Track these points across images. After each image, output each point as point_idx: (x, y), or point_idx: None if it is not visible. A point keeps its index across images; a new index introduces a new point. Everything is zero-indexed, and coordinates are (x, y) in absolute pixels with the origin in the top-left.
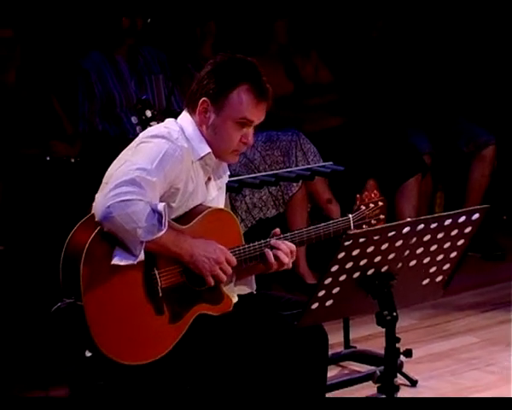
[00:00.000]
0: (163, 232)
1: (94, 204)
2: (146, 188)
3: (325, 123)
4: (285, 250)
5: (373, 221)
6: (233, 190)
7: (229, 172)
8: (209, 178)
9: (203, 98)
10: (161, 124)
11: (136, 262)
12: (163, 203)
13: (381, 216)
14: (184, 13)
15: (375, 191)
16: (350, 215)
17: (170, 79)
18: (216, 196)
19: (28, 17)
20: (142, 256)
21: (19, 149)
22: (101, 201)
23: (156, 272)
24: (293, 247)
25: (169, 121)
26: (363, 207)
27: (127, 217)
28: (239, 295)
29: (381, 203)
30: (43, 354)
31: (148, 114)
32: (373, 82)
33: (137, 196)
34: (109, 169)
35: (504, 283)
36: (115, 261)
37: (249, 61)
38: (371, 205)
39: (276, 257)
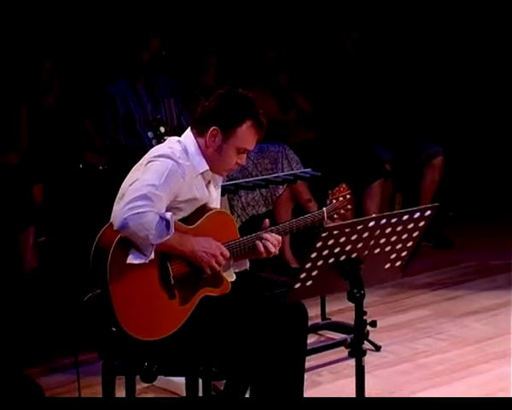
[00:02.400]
0: (169, 236)
1: (112, 215)
2: (155, 200)
3: (304, 137)
4: (273, 241)
5: (342, 211)
6: (230, 191)
7: (222, 177)
8: (209, 182)
9: (214, 127)
10: (165, 143)
11: (147, 261)
12: (170, 213)
13: (349, 206)
14: (191, 49)
15: (344, 186)
16: (324, 209)
17: (180, 101)
18: (215, 196)
19: (65, 50)
20: (152, 256)
21: (59, 159)
22: (119, 213)
23: (169, 264)
24: (279, 238)
25: (172, 141)
26: (335, 201)
27: (140, 226)
28: (236, 273)
29: (348, 196)
30: (77, 328)
31: (162, 130)
32: (343, 103)
33: (148, 208)
34: (124, 183)
35: (451, 266)
36: (130, 260)
37: (251, 98)
38: (340, 198)
39: (265, 247)
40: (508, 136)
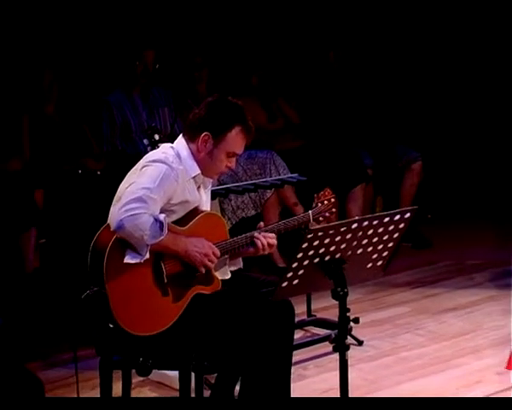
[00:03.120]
0: (163, 237)
1: (109, 216)
2: (149, 203)
3: (291, 144)
4: (270, 240)
5: (327, 214)
6: (221, 195)
7: (212, 180)
8: (199, 186)
9: (205, 133)
10: (160, 149)
11: (142, 261)
12: (163, 215)
13: (333, 210)
14: (185, 60)
15: (328, 191)
16: (310, 211)
17: (173, 110)
18: (205, 199)
19: (64, 61)
20: (147, 255)
21: (59, 165)
22: (115, 215)
23: (162, 264)
24: (274, 235)
25: (165, 147)
26: (320, 204)
27: (136, 227)
28: (231, 271)
29: (332, 200)
30: (76, 325)
31: (157, 137)
32: (327, 113)
33: (143, 210)
34: (121, 186)
35: (429, 266)
36: (126, 260)
37: (239, 105)
38: (325, 202)
39: (263, 244)
40: (481, 142)
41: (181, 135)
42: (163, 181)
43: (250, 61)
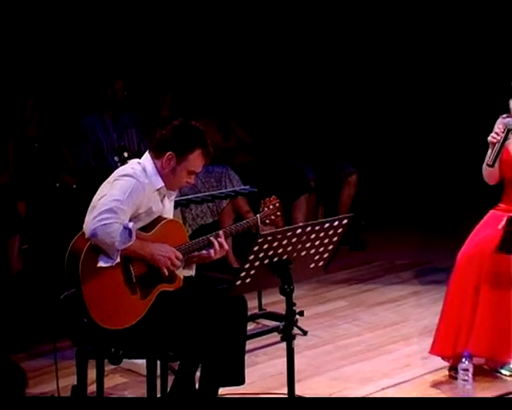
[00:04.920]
0: (132, 242)
1: (84, 225)
2: (119, 213)
3: (243, 160)
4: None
5: (273, 217)
6: (183, 205)
7: (176, 192)
8: (164, 196)
9: (170, 152)
10: (128, 165)
11: (114, 264)
12: (132, 223)
13: (278, 213)
14: (149, 88)
15: (274, 197)
16: (258, 215)
17: (140, 132)
18: (168, 208)
19: (44, 90)
20: (118, 259)
21: (40, 180)
22: (89, 224)
23: (131, 266)
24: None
25: (133, 162)
26: (266, 209)
27: (107, 234)
28: (184, 277)
29: (277, 205)
30: (55, 320)
31: (126, 154)
32: (276, 132)
33: (114, 219)
34: (95, 196)
35: (364, 265)
36: (100, 264)
37: (201, 130)
38: (271, 206)
39: (220, 244)
40: (408, 159)
41: (147, 152)
42: (131, 193)
43: (207, 86)
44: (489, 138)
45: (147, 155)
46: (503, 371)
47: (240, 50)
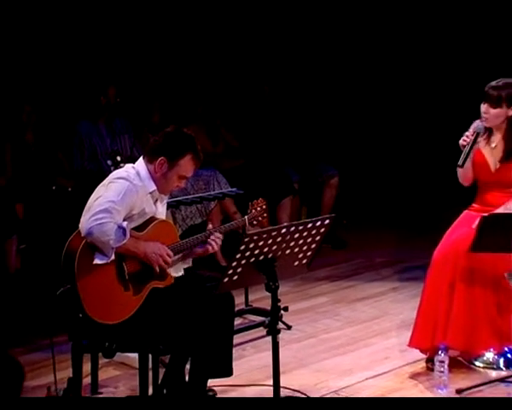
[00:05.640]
0: (126, 241)
1: (80, 224)
2: (114, 213)
3: (230, 164)
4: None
5: (260, 218)
6: (173, 206)
7: (168, 196)
8: (156, 200)
9: (162, 157)
10: (123, 168)
11: (109, 261)
12: (126, 222)
13: (265, 214)
14: (141, 96)
15: (261, 199)
16: (246, 217)
17: (132, 137)
18: (161, 211)
19: (40, 97)
20: (112, 256)
21: (36, 183)
22: (85, 223)
23: (124, 264)
24: (220, 235)
25: (128, 167)
26: (254, 211)
27: (102, 233)
28: (184, 269)
29: (264, 207)
30: (51, 316)
31: (118, 158)
32: (261, 137)
33: (109, 219)
34: (90, 198)
35: (345, 263)
36: (96, 262)
37: (192, 136)
38: (258, 208)
39: (210, 244)
40: (387, 162)
41: (141, 157)
42: (125, 195)
43: (197, 94)
44: (460, 141)
45: (141, 160)
46: (476, 363)
47: (227, 63)
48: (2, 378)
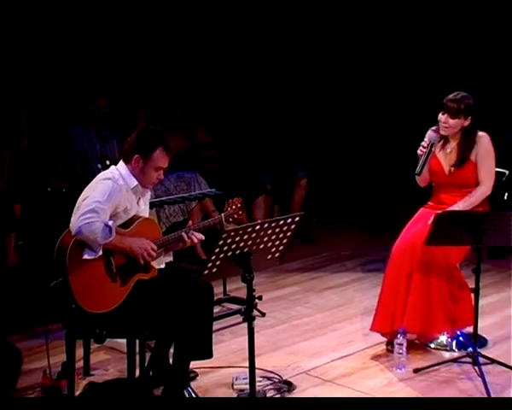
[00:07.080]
0: (112, 238)
1: (70, 224)
2: (100, 212)
3: (209, 166)
4: (197, 235)
5: (235, 216)
6: (158, 206)
7: (150, 193)
8: (139, 198)
9: (136, 155)
10: (108, 170)
11: (97, 256)
12: (112, 221)
13: (240, 212)
14: (128, 105)
15: (237, 198)
16: (222, 214)
17: (120, 142)
18: (143, 208)
19: (37, 106)
20: (100, 252)
21: (33, 185)
22: (75, 222)
23: (111, 258)
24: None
25: (112, 168)
26: (230, 209)
27: (91, 231)
28: (165, 263)
29: (239, 205)
30: (45, 306)
31: (108, 162)
32: (237, 143)
33: (96, 218)
34: (79, 198)
35: (314, 256)
36: (85, 257)
37: (159, 131)
38: (234, 207)
39: (190, 238)
40: (352, 164)
41: (121, 159)
42: (110, 195)
43: (177, 101)
44: (418, 151)
45: (121, 162)
46: (432, 346)
47: (208, 77)
48: (1, 362)
